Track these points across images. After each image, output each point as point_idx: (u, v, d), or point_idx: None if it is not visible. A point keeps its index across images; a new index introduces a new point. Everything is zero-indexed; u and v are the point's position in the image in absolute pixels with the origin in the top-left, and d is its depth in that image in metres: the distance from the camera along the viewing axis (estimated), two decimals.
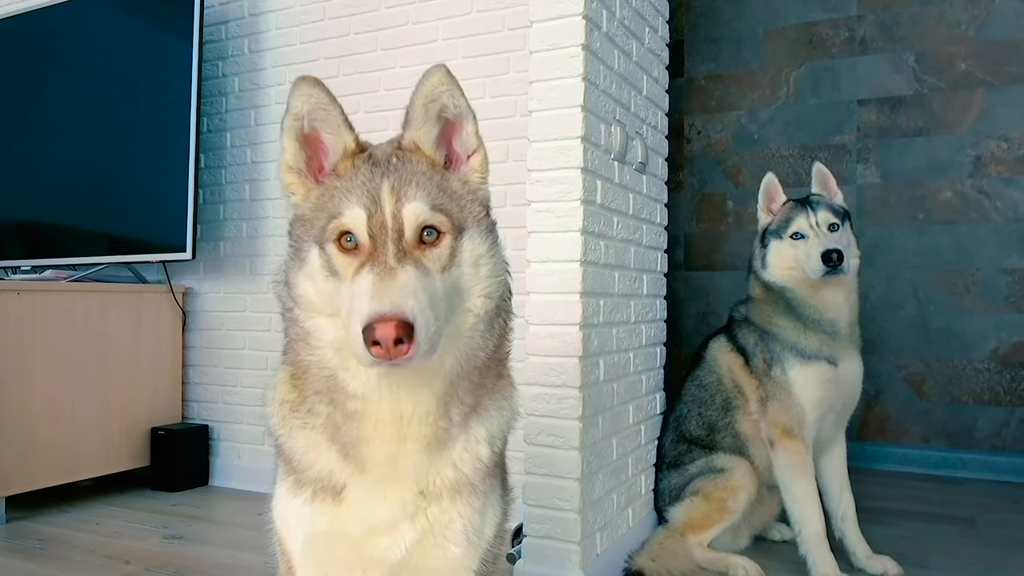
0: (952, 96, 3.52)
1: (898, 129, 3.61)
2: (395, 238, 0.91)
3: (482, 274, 0.99)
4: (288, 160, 1.03)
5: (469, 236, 0.98)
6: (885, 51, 3.64)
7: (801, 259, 2.12)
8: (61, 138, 3.34)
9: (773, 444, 2.18)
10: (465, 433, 1.03)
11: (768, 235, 2.23)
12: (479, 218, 1.02)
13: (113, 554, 2.36)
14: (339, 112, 1.01)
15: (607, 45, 2.06)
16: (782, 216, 2.21)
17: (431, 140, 1.03)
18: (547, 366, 1.93)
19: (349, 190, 0.96)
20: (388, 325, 0.82)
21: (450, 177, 1.02)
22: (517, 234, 2.24)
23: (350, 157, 1.01)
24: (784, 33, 3.85)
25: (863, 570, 2.15)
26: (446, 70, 1.03)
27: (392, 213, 0.92)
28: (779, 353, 2.17)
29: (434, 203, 0.95)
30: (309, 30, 3.07)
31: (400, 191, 0.94)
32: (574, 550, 1.90)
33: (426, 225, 0.93)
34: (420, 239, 0.93)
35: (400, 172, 0.96)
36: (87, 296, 2.99)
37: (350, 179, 0.97)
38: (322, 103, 1.01)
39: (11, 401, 2.69)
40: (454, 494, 1.03)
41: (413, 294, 0.86)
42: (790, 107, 3.83)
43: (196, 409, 3.36)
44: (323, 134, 1.03)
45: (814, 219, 2.14)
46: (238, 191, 3.27)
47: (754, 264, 2.28)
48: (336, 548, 1.05)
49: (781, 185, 2.29)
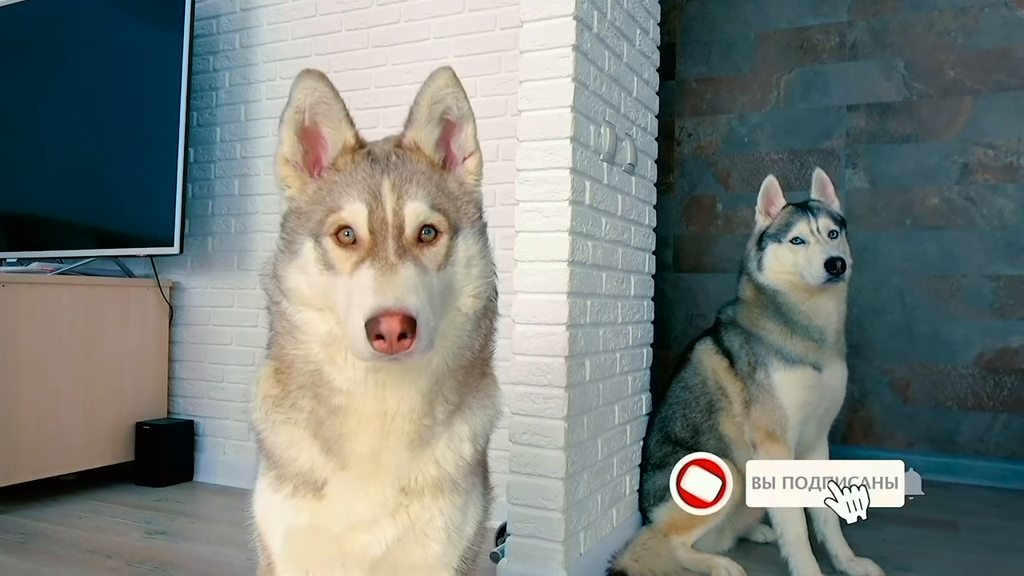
0: (940, 103, 3.54)
1: (887, 135, 3.63)
2: (396, 235, 0.92)
3: (473, 274, 1.00)
4: (285, 152, 1.03)
5: (463, 236, 1.00)
6: (875, 57, 3.66)
7: (801, 264, 2.12)
8: (50, 130, 3.32)
9: (756, 446, 2.19)
10: (449, 431, 1.03)
11: (766, 238, 2.23)
12: (473, 219, 1.03)
13: (96, 549, 2.34)
14: (341, 107, 1.02)
15: (598, 46, 2.06)
16: (782, 220, 2.21)
17: (432, 140, 1.05)
18: (533, 365, 1.93)
19: (349, 185, 0.96)
20: (393, 319, 0.83)
21: (447, 178, 1.04)
22: (505, 233, 2.24)
23: (350, 152, 1.01)
24: (775, 38, 3.87)
25: (845, 572, 2.16)
26: (452, 73, 1.04)
27: (393, 210, 0.93)
28: (764, 356, 2.18)
29: (433, 203, 0.96)
30: (301, 26, 3.06)
31: (401, 189, 0.95)
32: (558, 549, 1.90)
33: (425, 224, 0.95)
34: (418, 237, 0.94)
35: (400, 170, 0.97)
36: (73, 289, 2.98)
37: (350, 174, 0.98)
38: (325, 97, 1.01)
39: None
40: (436, 491, 1.03)
41: (415, 290, 0.87)
42: (780, 111, 3.85)
43: (182, 404, 3.34)
44: (324, 128, 1.03)
45: (815, 225, 2.14)
46: (227, 186, 3.26)
47: (749, 266, 2.28)
48: (316, 544, 1.05)
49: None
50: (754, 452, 2.19)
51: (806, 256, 2.11)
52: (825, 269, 2.05)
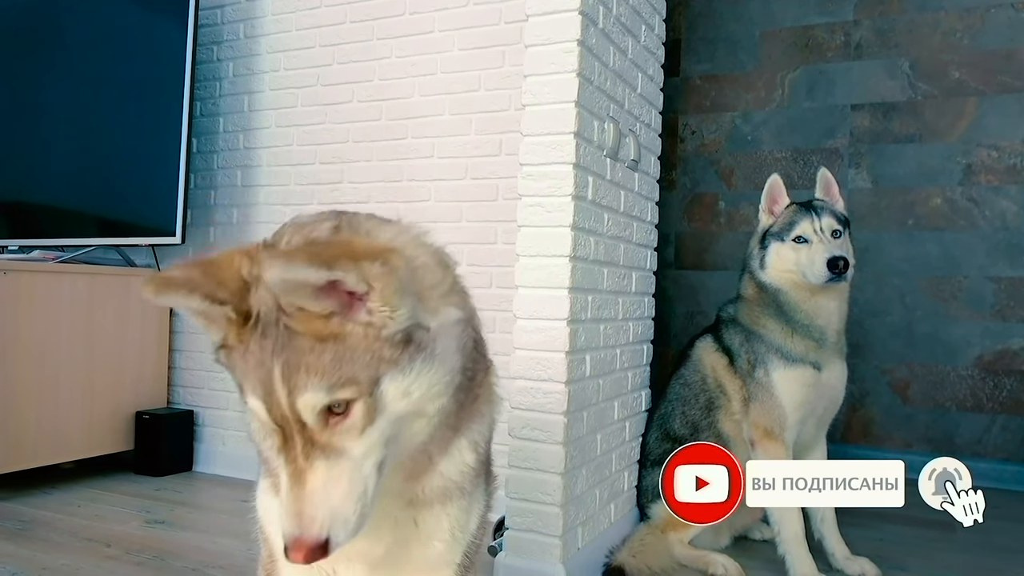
0: (945, 104, 3.53)
1: (890, 135, 3.63)
2: (299, 429, 0.84)
3: (415, 396, 0.87)
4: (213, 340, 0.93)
5: (388, 381, 0.85)
6: (880, 57, 3.65)
7: (803, 263, 2.12)
8: (53, 118, 3.32)
9: (754, 445, 2.19)
10: (448, 448, 1.01)
11: (769, 236, 2.22)
12: (394, 358, 0.86)
13: (94, 537, 2.35)
14: (213, 302, 0.85)
15: (603, 41, 2.06)
16: (786, 219, 2.20)
17: (312, 302, 0.84)
18: (533, 360, 1.93)
19: (245, 373, 0.87)
20: (299, 553, 0.81)
21: (347, 334, 0.83)
22: (508, 228, 2.25)
23: (236, 326, 0.87)
24: (780, 36, 3.86)
25: (841, 571, 2.16)
26: (283, 265, 0.80)
27: (288, 405, 0.83)
28: (764, 355, 2.19)
29: (331, 383, 0.82)
30: (305, 16, 3.05)
31: (291, 381, 0.82)
32: (555, 544, 1.90)
33: (327, 405, 0.83)
34: (327, 417, 0.84)
35: (288, 352, 0.83)
36: (74, 278, 2.98)
37: (243, 357, 0.87)
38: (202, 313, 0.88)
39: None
40: (444, 500, 1.02)
41: (324, 502, 0.82)
42: (784, 110, 3.84)
43: (181, 394, 3.35)
44: (212, 327, 0.91)
45: (818, 224, 2.14)
46: (230, 177, 3.25)
47: (751, 264, 2.28)
48: None
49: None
50: (752, 450, 2.20)
51: (808, 255, 2.11)
52: (827, 268, 2.04)
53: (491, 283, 2.55)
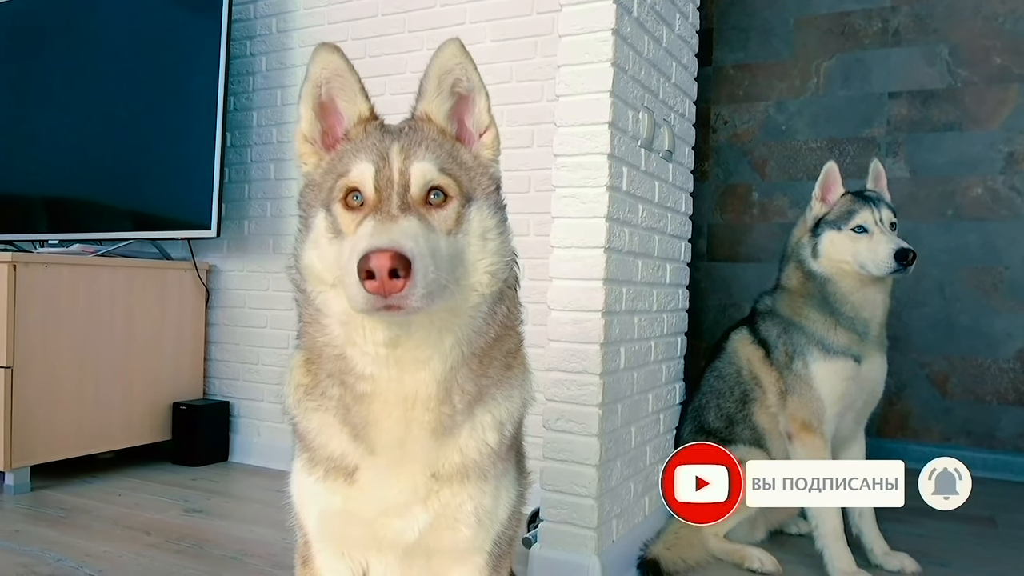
0: (986, 91, 3.45)
1: (929, 123, 3.55)
2: (400, 192, 0.92)
3: (489, 248, 0.98)
4: (304, 130, 1.04)
5: (477, 207, 0.98)
6: (918, 43, 3.57)
7: (863, 253, 2.08)
8: (89, 114, 3.36)
9: (791, 438, 2.16)
10: (470, 420, 1.03)
11: (823, 224, 2.18)
12: (488, 192, 1.02)
13: (134, 525, 2.39)
14: (356, 80, 1.03)
15: (637, 31, 2.04)
16: (843, 207, 2.16)
17: (443, 112, 1.04)
18: (568, 352, 1.92)
19: (359, 150, 0.97)
20: (383, 255, 0.80)
21: (461, 148, 1.04)
22: (541, 220, 2.23)
23: (363, 123, 1.02)
24: (815, 23, 3.79)
25: (880, 566, 2.14)
26: (459, 44, 1.02)
27: (400, 170, 0.93)
28: (803, 346, 2.16)
29: (442, 166, 0.96)
30: (337, 10, 3.06)
31: (409, 151, 0.95)
32: (590, 536, 1.90)
33: (433, 186, 0.94)
34: (427, 199, 0.93)
35: (411, 136, 0.98)
36: (112, 271, 3.03)
37: (361, 141, 0.99)
38: (340, 70, 1.02)
39: (37, 372, 2.73)
40: (463, 478, 1.03)
41: (413, 238, 0.85)
42: (819, 99, 3.78)
43: (217, 385, 3.39)
44: (339, 102, 1.04)
45: (878, 215, 2.11)
46: (263, 170, 3.28)
47: (801, 252, 2.23)
48: (350, 528, 1.06)
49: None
50: (789, 444, 2.17)
51: (869, 245, 2.07)
52: (895, 260, 2.01)
53: (525, 275, 2.54)
